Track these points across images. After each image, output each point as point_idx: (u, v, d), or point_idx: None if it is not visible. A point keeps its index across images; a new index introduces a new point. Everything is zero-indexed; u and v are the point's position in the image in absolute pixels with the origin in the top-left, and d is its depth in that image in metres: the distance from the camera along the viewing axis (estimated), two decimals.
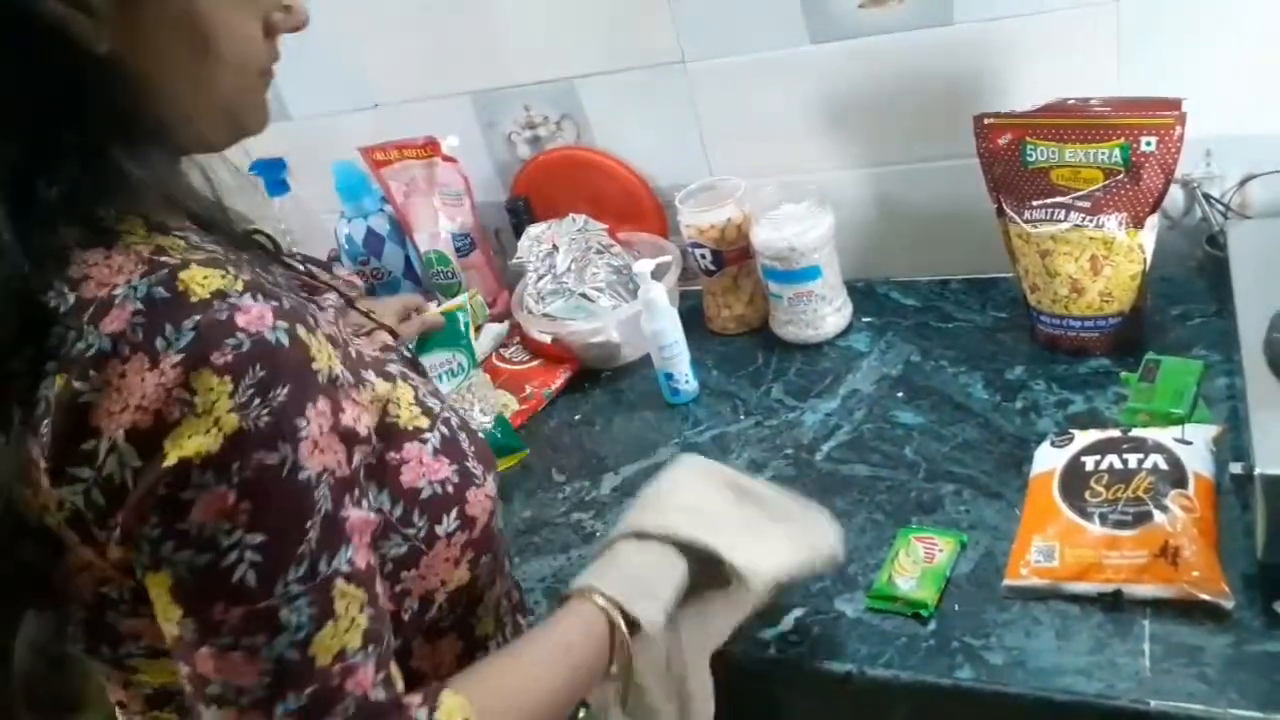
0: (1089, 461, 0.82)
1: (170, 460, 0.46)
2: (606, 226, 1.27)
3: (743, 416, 1.07)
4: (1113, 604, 0.74)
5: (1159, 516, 0.75)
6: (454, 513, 0.59)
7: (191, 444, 0.45)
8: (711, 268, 1.19)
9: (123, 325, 0.46)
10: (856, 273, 1.21)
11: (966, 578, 0.80)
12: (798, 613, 0.81)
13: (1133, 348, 0.97)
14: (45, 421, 0.46)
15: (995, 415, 0.96)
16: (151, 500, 0.46)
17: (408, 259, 1.43)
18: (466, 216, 1.36)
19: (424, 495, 0.58)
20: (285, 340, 0.48)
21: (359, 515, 0.52)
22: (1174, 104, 0.92)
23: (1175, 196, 1.05)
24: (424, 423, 0.59)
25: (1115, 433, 0.84)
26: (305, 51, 0.60)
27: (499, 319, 1.33)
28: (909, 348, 1.10)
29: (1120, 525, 0.76)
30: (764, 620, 0.81)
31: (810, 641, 0.79)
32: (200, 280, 0.48)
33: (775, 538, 0.71)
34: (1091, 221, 0.95)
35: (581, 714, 0.67)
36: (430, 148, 1.32)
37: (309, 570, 0.49)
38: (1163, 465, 0.79)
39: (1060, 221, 0.96)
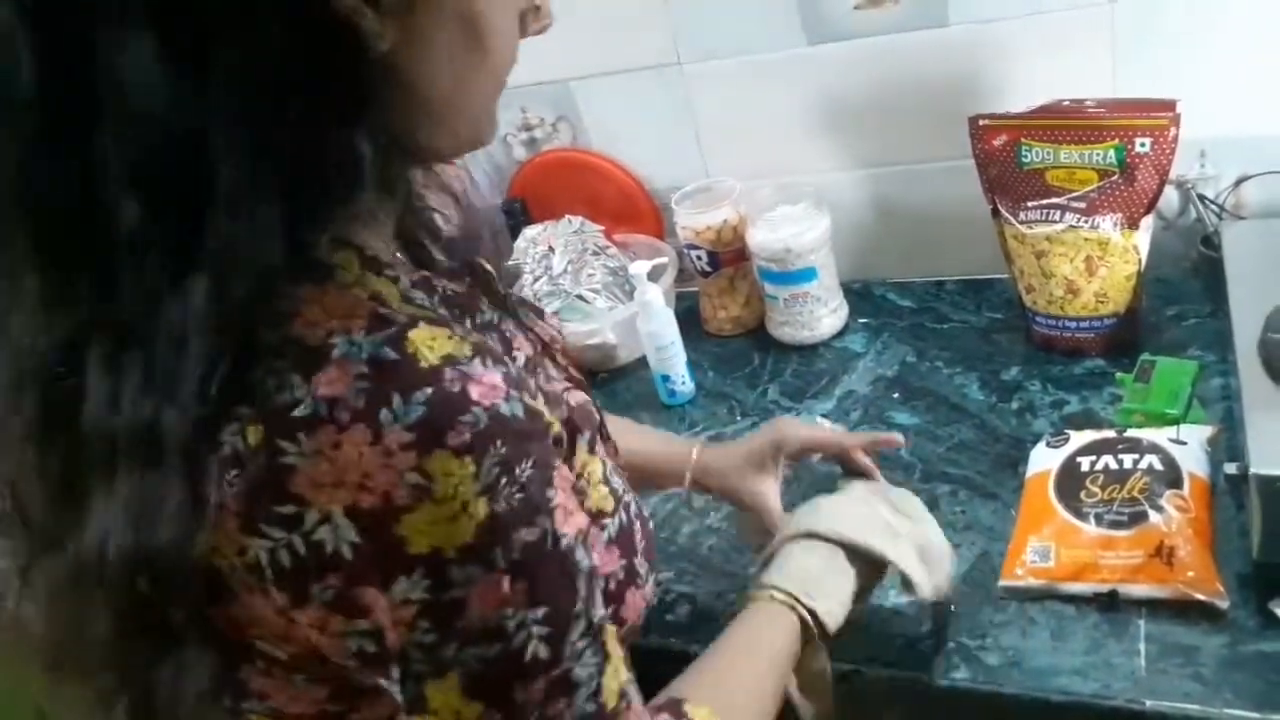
0: (1084, 462, 0.82)
1: (416, 549, 0.41)
2: (603, 228, 1.27)
3: (739, 418, 1.07)
4: (1108, 604, 0.74)
5: (1154, 517, 0.75)
6: (609, 612, 0.54)
7: (438, 532, 0.42)
8: (708, 269, 1.19)
9: (343, 390, 0.41)
10: (852, 274, 1.21)
11: (962, 578, 0.80)
12: None
13: (1128, 348, 0.97)
14: (234, 472, 0.41)
15: (991, 416, 0.96)
16: (404, 594, 0.42)
17: None
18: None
19: None
20: (520, 412, 0.44)
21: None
22: (1168, 105, 0.92)
23: (1170, 197, 1.06)
24: (608, 506, 0.55)
25: (1110, 433, 0.85)
26: None
27: None
28: (905, 349, 1.10)
29: (1116, 525, 0.76)
30: None
31: None
32: (429, 343, 0.43)
33: (938, 557, 0.71)
34: (1086, 222, 0.95)
35: None
36: None
37: (587, 624, 0.47)
38: (1158, 466, 0.79)
39: (1055, 222, 0.96)
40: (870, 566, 0.68)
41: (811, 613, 0.63)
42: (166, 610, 0.43)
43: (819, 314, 1.14)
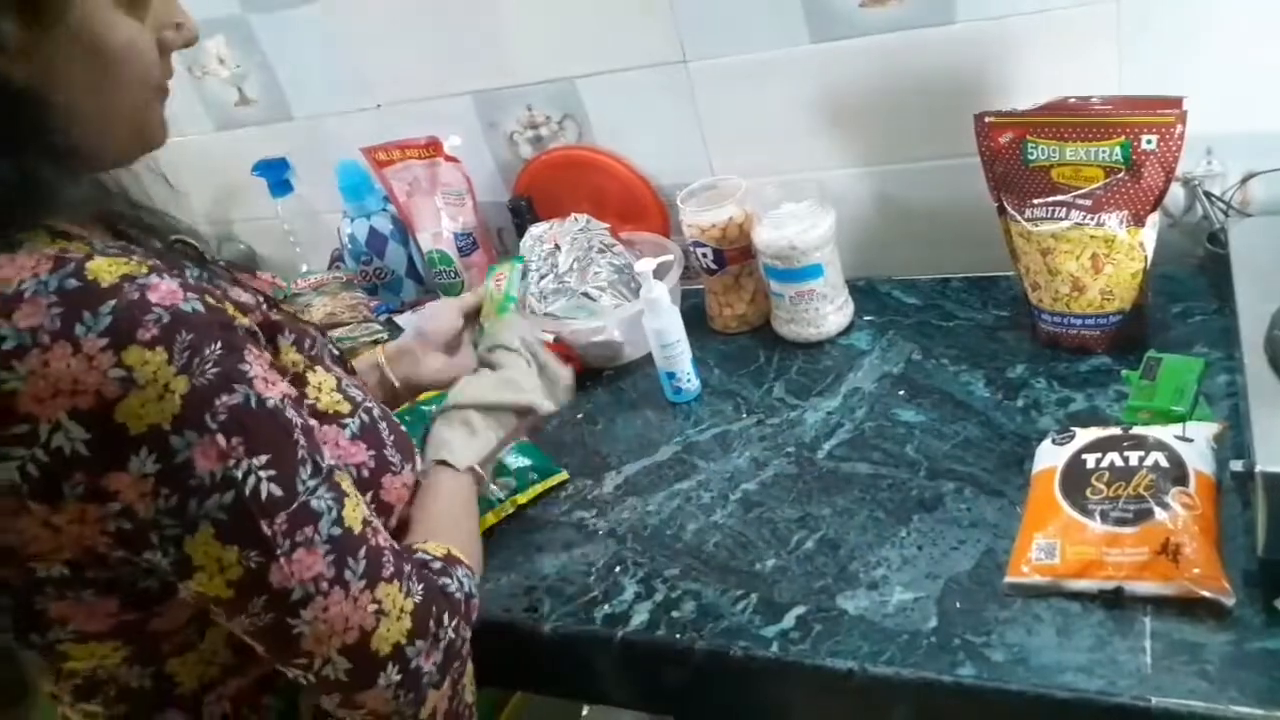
0: (1090, 459, 0.82)
1: (137, 429, 0.51)
2: (608, 226, 1.27)
3: (744, 415, 1.07)
4: (1113, 601, 0.74)
5: (1160, 514, 0.75)
6: (369, 497, 0.66)
7: (150, 412, 0.51)
8: (713, 267, 1.19)
9: (40, 319, 0.49)
10: (858, 271, 1.21)
11: (968, 575, 0.80)
12: (799, 610, 0.82)
13: (1134, 345, 0.97)
14: None
15: (996, 413, 0.96)
16: (139, 469, 0.51)
17: (410, 258, 1.44)
18: (469, 216, 1.36)
19: None
20: (201, 307, 0.53)
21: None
22: (1175, 102, 0.92)
23: (1176, 194, 1.06)
24: (344, 408, 0.66)
25: (1116, 430, 0.85)
26: (308, 53, 0.61)
27: None
28: (910, 346, 1.10)
29: (1121, 523, 0.76)
30: (765, 618, 0.82)
31: (812, 639, 0.79)
32: (107, 268, 0.51)
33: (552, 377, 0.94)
34: (1092, 220, 0.95)
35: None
36: (433, 147, 1.32)
37: (314, 467, 0.58)
38: (1163, 463, 0.79)
39: (1061, 220, 0.96)
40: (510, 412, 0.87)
41: (445, 462, 0.80)
42: None
43: (824, 311, 1.14)
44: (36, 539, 0.54)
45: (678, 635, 0.83)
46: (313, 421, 0.61)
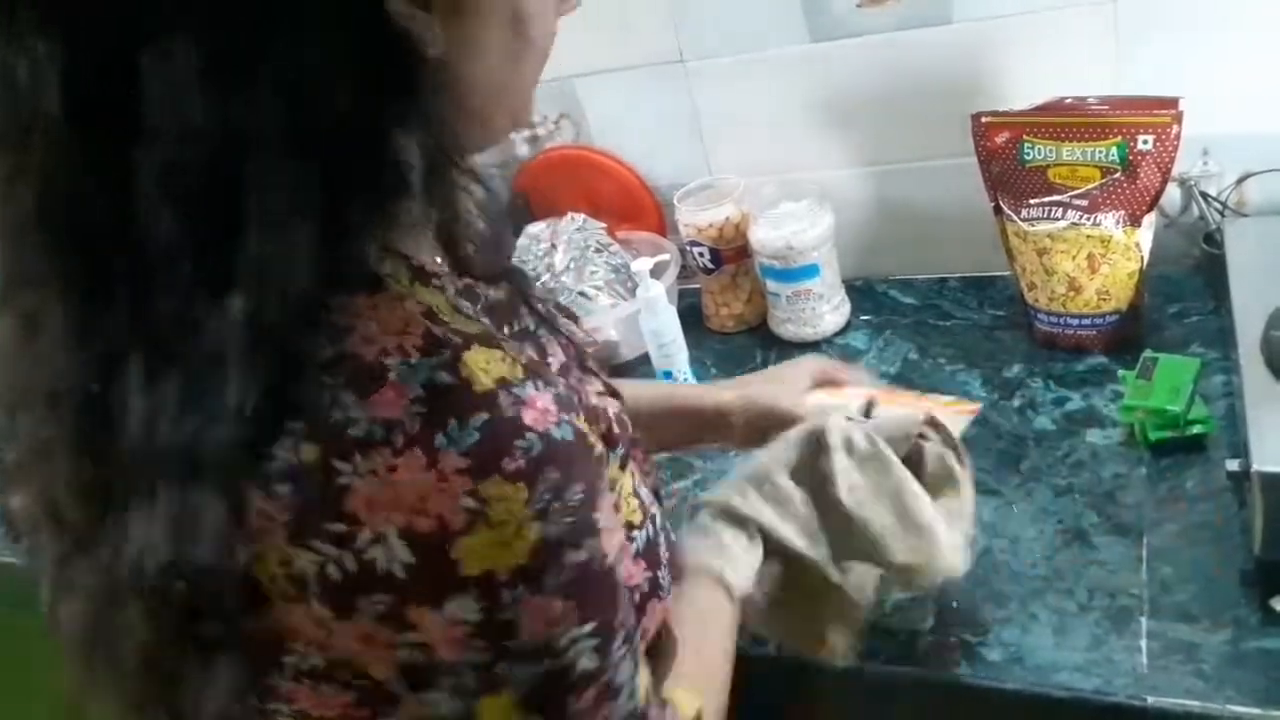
0: None
1: (470, 571, 0.42)
2: (605, 225, 1.27)
3: None
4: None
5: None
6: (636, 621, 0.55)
7: (491, 555, 0.42)
8: (710, 266, 1.19)
9: (399, 413, 0.41)
10: (855, 271, 1.21)
11: (964, 575, 0.80)
12: None
13: (1130, 345, 0.97)
14: (285, 486, 0.41)
15: (993, 413, 0.96)
16: (456, 614, 0.43)
17: None
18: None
19: None
20: (571, 435, 0.44)
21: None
22: (1171, 103, 0.92)
23: (1172, 195, 1.06)
24: (636, 519, 0.55)
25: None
26: None
27: None
28: (907, 345, 1.10)
29: None
30: None
31: None
32: (483, 366, 0.43)
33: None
34: (1089, 220, 0.95)
35: None
36: None
37: (626, 634, 0.49)
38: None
39: (1058, 220, 0.96)
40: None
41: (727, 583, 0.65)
42: (201, 620, 0.44)
43: (821, 311, 1.14)
44: (303, 631, 0.45)
45: None
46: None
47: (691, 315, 1.21)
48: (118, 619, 0.44)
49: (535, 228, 1.27)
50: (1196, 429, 0.85)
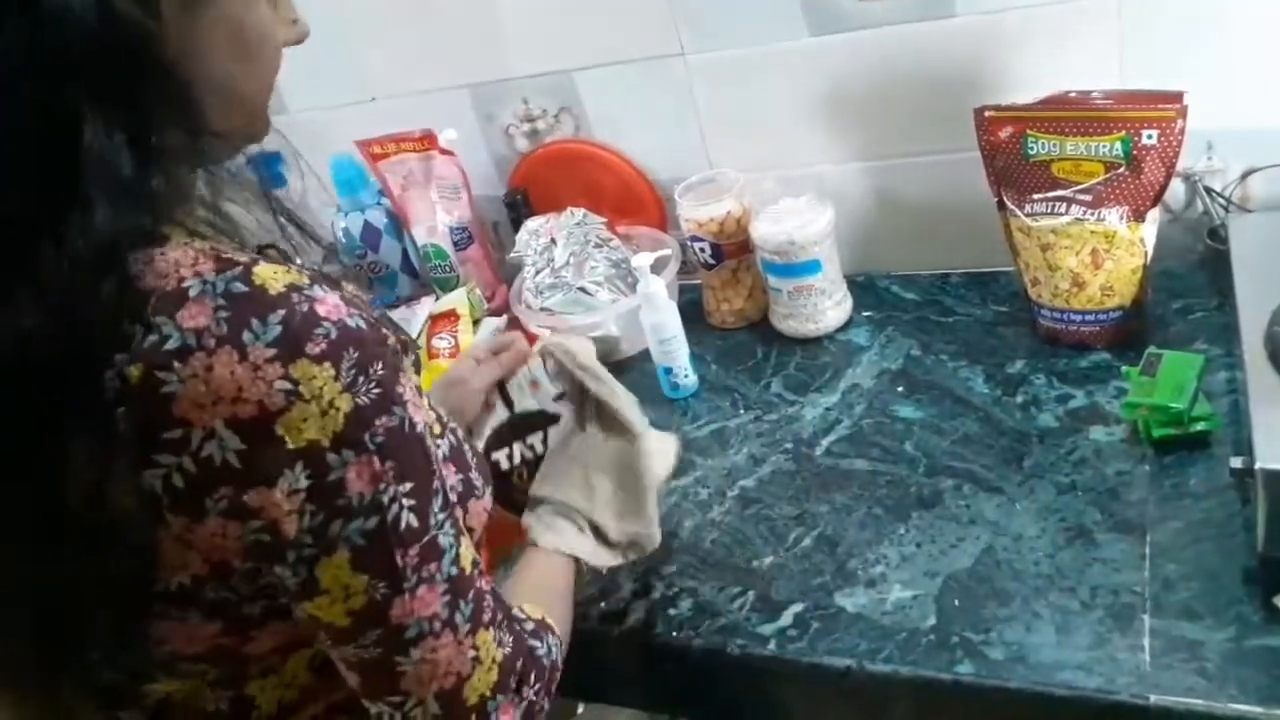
0: (500, 456, 0.82)
1: (295, 444, 0.48)
2: (605, 220, 1.27)
3: (742, 411, 1.07)
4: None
5: None
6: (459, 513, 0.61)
7: (311, 427, 0.49)
8: (711, 261, 1.18)
9: (206, 321, 0.47)
10: (857, 266, 1.20)
11: (967, 572, 0.80)
12: (797, 608, 0.81)
13: (1134, 341, 0.97)
14: (119, 410, 0.47)
15: (996, 409, 0.96)
16: (288, 486, 0.49)
17: (405, 253, 1.43)
18: (464, 210, 1.35)
19: None
20: (363, 324, 0.51)
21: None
22: (1175, 97, 0.91)
23: (1176, 190, 1.05)
24: (436, 428, 0.62)
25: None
26: (302, 45, 0.60)
27: (497, 313, 1.33)
28: (909, 342, 1.10)
29: None
30: (763, 615, 0.81)
31: (809, 636, 0.79)
32: (272, 276, 0.50)
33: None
34: (1093, 215, 0.94)
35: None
36: (428, 141, 1.31)
37: (444, 500, 0.55)
38: None
39: (1061, 215, 0.96)
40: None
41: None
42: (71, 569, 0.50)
43: (823, 307, 1.13)
44: (164, 554, 0.51)
45: (674, 633, 0.83)
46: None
47: (692, 311, 1.20)
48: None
49: (535, 222, 1.27)
50: (1200, 426, 0.85)
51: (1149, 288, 0.99)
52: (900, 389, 1.03)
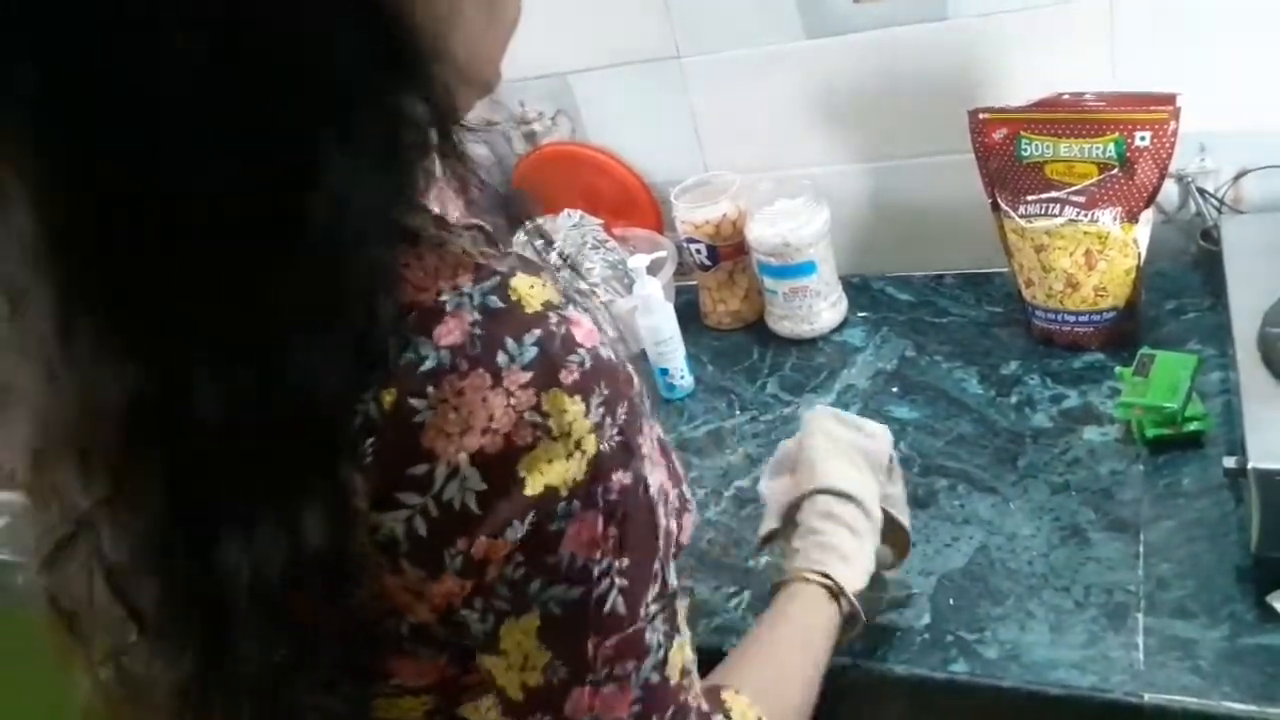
0: None
1: (533, 489, 0.42)
2: (602, 222, 1.27)
3: (738, 411, 1.07)
4: None
5: None
6: (680, 581, 0.54)
7: (554, 470, 0.42)
8: (707, 263, 1.19)
9: (460, 338, 0.41)
10: (852, 268, 1.21)
11: (961, 572, 0.80)
12: None
13: (1127, 342, 0.97)
14: (368, 440, 0.41)
15: (990, 410, 0.96)
16: (512, 535, 0.42)
17: None
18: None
19: None
20: (612, 355, 0.45)
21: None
22: (1168, 99, 0.92)
23: (1169, 191, 1.06)
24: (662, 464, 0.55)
25: None
26: None
27: None
28: (904, 343, 1.10)
29: None
30: (759, 615, 0.81)
31: None
32: (529, 291, 0.44)
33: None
34: (1086, 216, 0.95)
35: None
36: None
37: (661, 587, 0.47)
38: None
39: (1055, 216, 0.96)
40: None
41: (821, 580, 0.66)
42: (305, 611, 0.43)
43: (818, 308, 1.14)
44: (393, 598, 0.45)
45: None
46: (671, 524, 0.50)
47: (688, 312, 1.21)
48: (241, 646, 0.43)
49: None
50: (1193, 426, 0.85)
51: (1142, 289, 0.99)
52: (895, 389, 1.03)
